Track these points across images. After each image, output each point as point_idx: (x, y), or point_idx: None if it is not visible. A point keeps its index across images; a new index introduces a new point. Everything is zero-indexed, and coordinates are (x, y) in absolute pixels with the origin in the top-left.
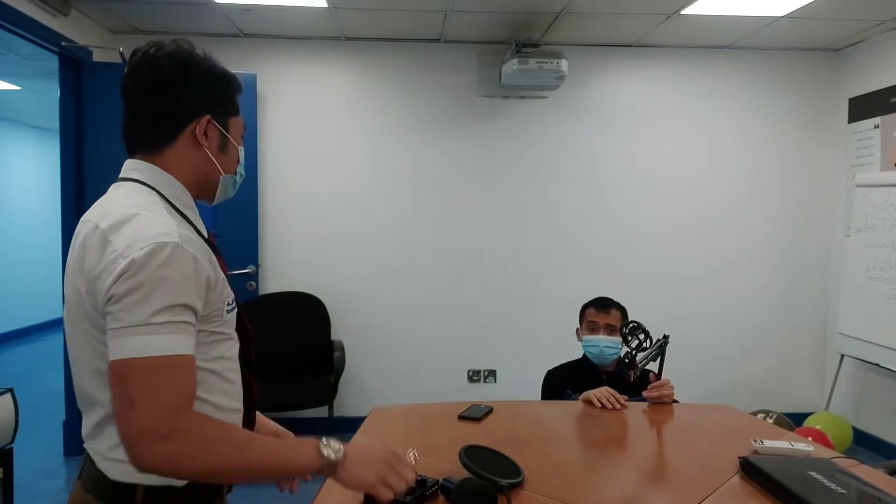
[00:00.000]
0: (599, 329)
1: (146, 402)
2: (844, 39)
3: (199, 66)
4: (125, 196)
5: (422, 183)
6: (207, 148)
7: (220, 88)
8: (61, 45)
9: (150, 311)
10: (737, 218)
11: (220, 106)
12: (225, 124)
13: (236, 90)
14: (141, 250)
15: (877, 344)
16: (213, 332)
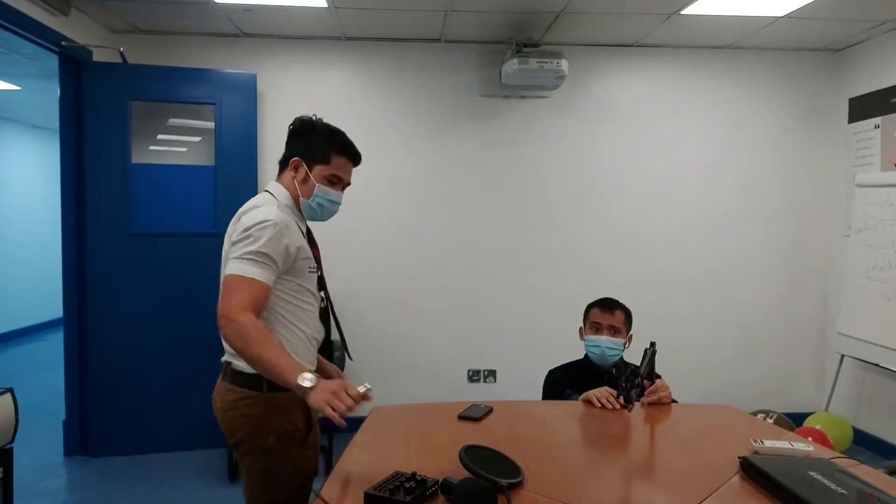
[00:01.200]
0: (603, 329)
1: (229, 299)
2: (844, 39)
3: (305, 127)
4: (257, 198)
5: (422, 183)
6: (295, 178)
7: (313, 143)
8: (61, 44)
9: (249, 250)
10: (737, 218)
11: (309, 154)
12: (310, 166)
13: (329, 146)
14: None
15: (877, 344)
16: (299, 284)
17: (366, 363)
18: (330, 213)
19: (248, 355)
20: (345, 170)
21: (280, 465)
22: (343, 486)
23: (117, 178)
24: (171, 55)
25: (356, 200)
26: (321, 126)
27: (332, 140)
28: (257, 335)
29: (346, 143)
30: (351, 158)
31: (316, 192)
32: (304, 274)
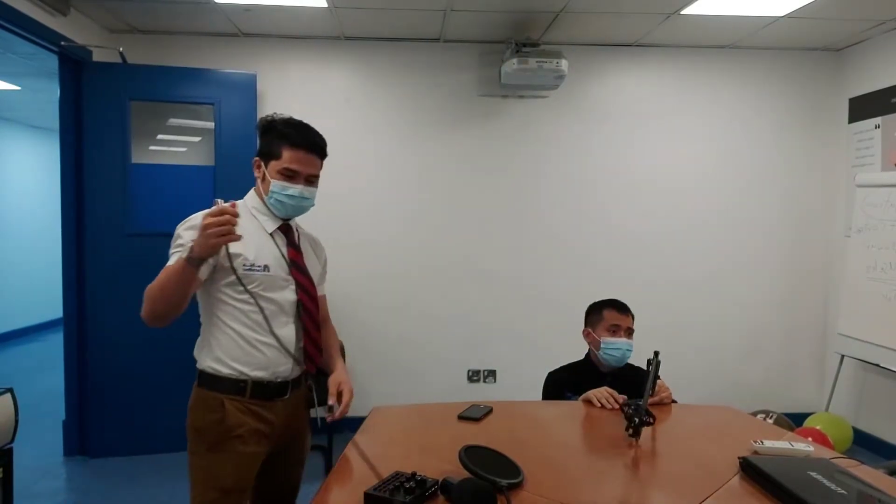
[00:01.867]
0: (621, 332)
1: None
2: (845, 39)
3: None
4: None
5: (422, 182)
6: (258, 177)
7: (265, 140)
8: (61, 44)
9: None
10: (737, 218)
11: (265, 153)
12: (267, 164)
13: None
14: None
15: (877, 344)
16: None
17: (365, 363)
18: (295, 208)
19: (157, 298)
20: (301, 162)
21: (195, 465)
22: (343, 486)
23: (117, 178)
24: (171, 55)
25: (356, 200)
26: (279, 122)
27: (285, 134)
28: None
29: (300, 134)
30: (306, 148)
31: (272, 189)
32: (240, 272)
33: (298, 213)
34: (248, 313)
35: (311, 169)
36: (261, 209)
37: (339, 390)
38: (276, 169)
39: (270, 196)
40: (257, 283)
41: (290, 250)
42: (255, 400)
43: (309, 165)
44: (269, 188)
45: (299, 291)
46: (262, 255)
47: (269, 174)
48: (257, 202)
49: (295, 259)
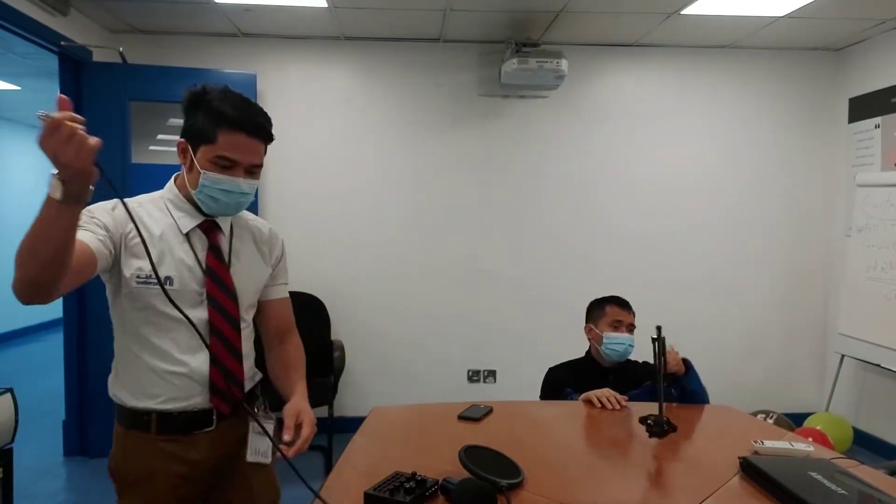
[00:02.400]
0: (623, 327)
1: None
2: (845, 39)
3: (187, 99)
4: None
5: (422, 183)
6: (183, 165)
7: (195, 119)
8: (61, 44)
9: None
10: (737, 218)
11: (193, 134)
12: (195, 150)
13: (217, 120)
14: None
15: (877, 344)
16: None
17: (366, 363)
18: (230, 205)
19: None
20: (240, 148)
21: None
22: (343, 486)
23: (117, 179)
24: (171, 55)
25: (355, 200)
26: (213, 95)
27: (221, 112)
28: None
29: (240, 113)
30: (248, 132)
31: (202, 182)
32: (132, 286)
33: (235, 212)
34: (149, 336)
35: (253, 157)
36: (179, 203)
37: (297, 422)
38: (207, 156)
39: (200, 190)
40: (156, 300)
41: (210, 256)
42: (164, 435)
43: (251, 153)
44: (197, 180)
45: (211, 309)
46: (166, 263)
47: (199, 162)
48: (175, 194)
49: (214, 268)
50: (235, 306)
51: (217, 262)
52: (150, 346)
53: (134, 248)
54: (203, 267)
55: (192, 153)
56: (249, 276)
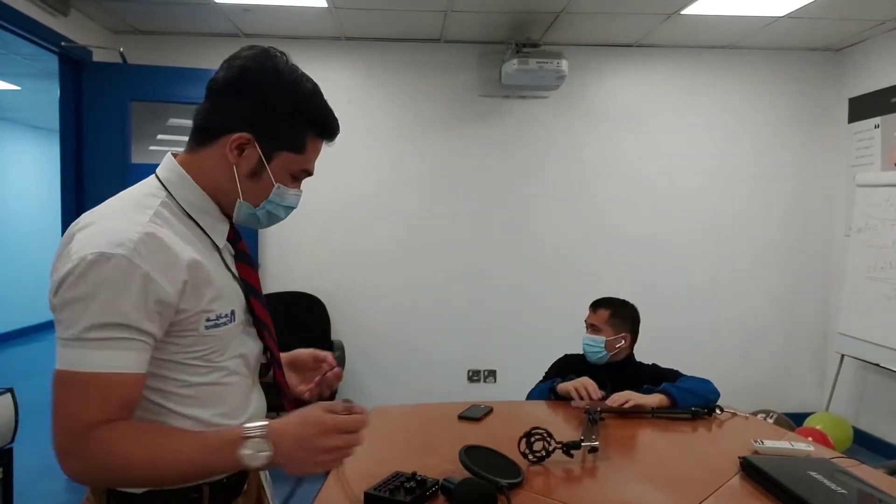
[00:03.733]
0: (588, 328)
1: (61, 415)
2: (844, 39)
3: (272, 81)
4: (123, 192)
5: (422, 183)
6: (235, 165)
7: (284, 116)
8: (61, 45)
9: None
10: (737, 218)
11: (274, 133)
12: (270, 154)
13: (311, 127)
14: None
15: (877, 344)
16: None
17: (366, 363)
18: (280, 221)
19: (132, 483)
20: (316, 157)
21: None
22: (343, 486)
23: (117, 178)
24: (171, 55)
25: (356, 200)
26: (289, 77)
27: (320, 113)
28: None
29: (332, 117)
30: (330, 139)
31: (272, 197)
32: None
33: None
34: (209, 389)
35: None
36: (202, 205)
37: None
38: (289, 168)
39: (264, 206)
40: (218, 343)
41: (242, 268)
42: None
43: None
44: (266, 194)
45: (266, 336)
46: (223, 291)
47: (275, 172)
48: (199, 195)
49: (248, 279)
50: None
51: (251, 273)
52: (214, 398)
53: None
54: (241, 284)
55: (262, 156)
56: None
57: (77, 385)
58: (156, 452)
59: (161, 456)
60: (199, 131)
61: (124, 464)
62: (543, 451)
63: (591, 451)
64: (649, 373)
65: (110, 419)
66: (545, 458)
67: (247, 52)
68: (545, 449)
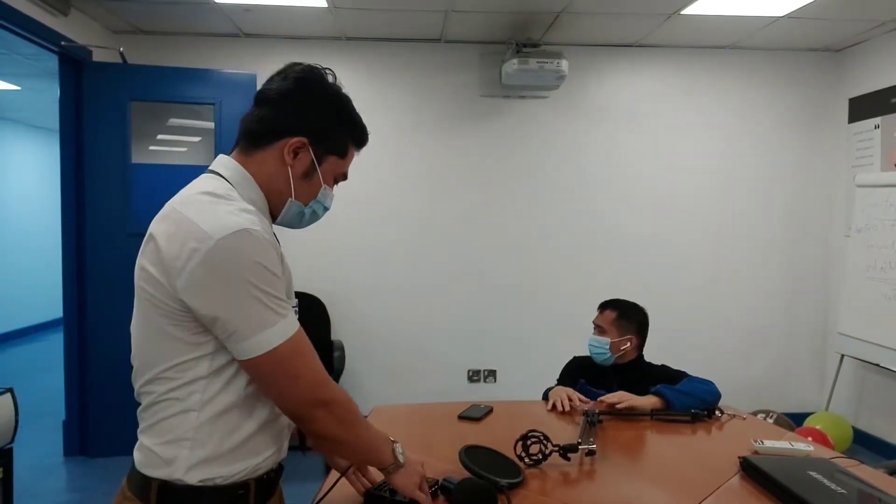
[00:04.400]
0: (595, 329)
1: (303, 379)
2: (845, 40)
3: (323, 92)
4: (204, 183)
5: (422, 183)
6: (291, 167)
7: (333, 124)
8: (61, 44)
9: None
10: (737, 218)
11: (324, 139)
12: (321, 157)
13: (352, 135)
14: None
15: (877, 344)
16: None
17: (366, 363)
18: (315, 221)
19: (346, 441)
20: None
21: None
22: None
23: (117, 178)
24: (171, 55)
25: (356, 200)
26: (334, 90)
27: (361, 126)
28: (354, 410)
29: (364, 130)
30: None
31: (319, 197)
32: None
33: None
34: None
35: None
36: (263, 206)
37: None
38: (334, 171)
39: (311, 205)
40: None
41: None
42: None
43: None
44: (315, 194)
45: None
46: (289, 285)
47: (324, 175)
48: (258, 193)
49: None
50: None
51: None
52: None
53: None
54: None
55: (314, 160)
56: None
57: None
58: (360, 420)
59: (365, 426)
60: (252, 136)
61: (354, 417)
62: (540, 454)
63: (589, 453)
64: (657, 374)
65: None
66: (542, 461)
67: (298, 66)
68: (542, 452)
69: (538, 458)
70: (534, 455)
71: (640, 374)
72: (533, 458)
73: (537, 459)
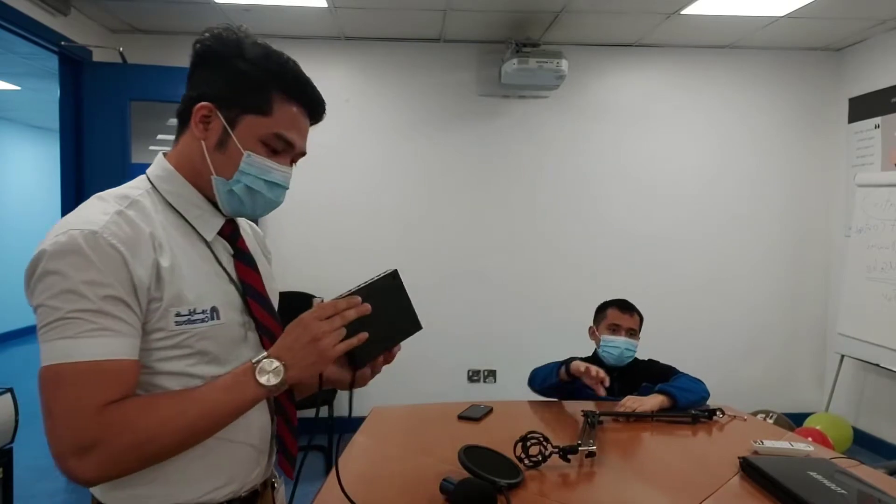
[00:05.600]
0: (621, 331)
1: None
2: (845, 39)
3: (225, 49)
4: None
5: (421, 183)
6: (203, 140)
7: (241, 77)
8: (61, 44)
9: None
10: (737, 218)
11: (234, 97)
12: (233, 120)
13: (275, 85)
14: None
15: (877, 344)
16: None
17: None
18: (267, 204)
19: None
20: (299, 127)
21: None
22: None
23: (117, 178)
24: (171, 55)
25: (355, 200)
26: (251, 45)
27: (281, 68)
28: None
29: (303, 78)
30: (310, 108)
31: (243, 167)
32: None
33: (262, 215)
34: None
35: (305, 143)
36: (190, 197)
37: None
38: (256, 132)
39: (236, 179)
40: (198, 344)
41: (241, 267)
42: None
43: (305, 136)
44: (234, 164)
45: (266, 340)
46: (201, 287)
47: (241, 138)
48: (182, 184)
49: (252, 283)
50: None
51: (252, 274)
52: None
53: (164, 276)
54: (238, 285)
55: (224, 124)
56: (269, 287)
57: (73, 376)
58: (179, 409)
59: (185, 410)
60: (178, 122)
61: (150, 434)
62: (539, 455)
63: (589, 455)
64: (650, 371)
65: (113, 400)
66: (541, 462)
67: (208, 31)
68: (541, 453)
69: (538, 460)
70: (533, 456)
71: (636, 370)
72: (532, 459)
73: (537, 460)
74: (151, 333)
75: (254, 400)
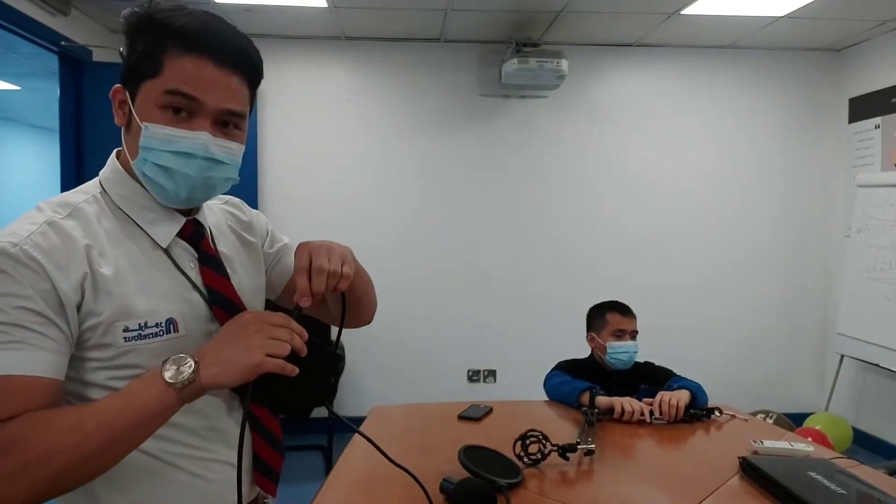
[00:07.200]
0: (627, 335)
1: None
2: (845, 40)
3: (128, 24)
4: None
5: (421, 182)
6: (123, 126)
7: (136, 48)
8: (61, 44)
9: None
10: (737, 218)
11: (130, 70)
12: (134, 93)
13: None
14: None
15: (877, 344)
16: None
17: (365, 363)
18: (192, 181)
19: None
20: (202, 80)
21: None
22: (343, 486)
23: None
24: None
25: (355, 200)
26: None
27: (167, 24)
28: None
29: (199, 25)
30: (216, 55)
31: (144, 142)
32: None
33: (203, 196)
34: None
35: (224, 98)
36: (139, 200)
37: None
38: (151, 97)
39: (142, 158)
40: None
41: (207, 273)
42: None
43: (221, 90)
44: (137, 141)
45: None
46: (154, 298)
47: (139, 111)
48: (132, 187)
49: (219, 289)
50: None
51: (220, 279)
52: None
53: (105, 289)
54: (203, 293)
55: (127, 100)
56: (252, 287)
57: None
58: (73, 423)
59: (79, 424)
60: None
61: (45, 450)
62: (539, 453)
63: (588, 453)
64: (646, 371)
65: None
66: (541, 460)
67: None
68: (540, 452)
69: (537, 458)
70: (532, 455)
71: (635, 372)
72: (532, 457)
73: (536, 459)
74: (95, 350)
75: (160, 403)
